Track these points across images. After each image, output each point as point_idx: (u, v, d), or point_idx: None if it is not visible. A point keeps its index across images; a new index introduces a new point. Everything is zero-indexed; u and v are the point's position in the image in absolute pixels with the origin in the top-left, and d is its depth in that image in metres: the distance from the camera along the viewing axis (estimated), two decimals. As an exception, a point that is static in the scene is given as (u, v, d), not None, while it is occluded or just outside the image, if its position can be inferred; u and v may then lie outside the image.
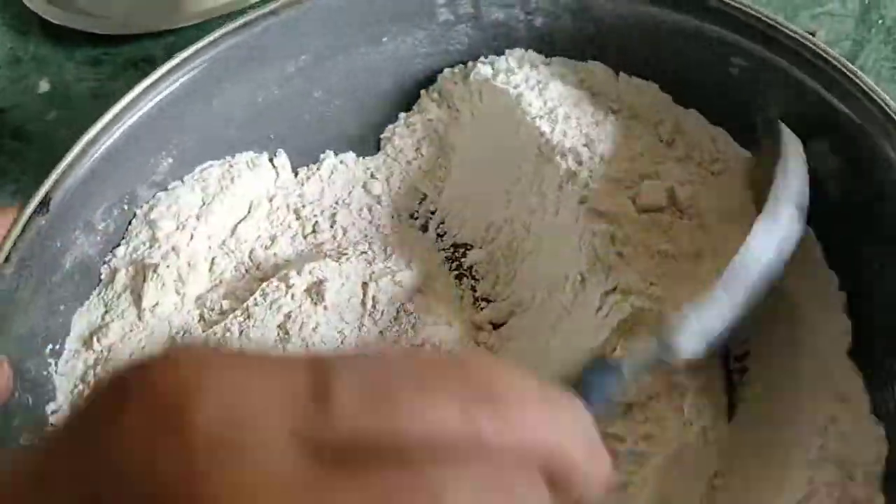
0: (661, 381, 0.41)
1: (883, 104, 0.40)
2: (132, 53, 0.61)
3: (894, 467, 0.37)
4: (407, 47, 0.52)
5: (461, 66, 0.52)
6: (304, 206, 0.51)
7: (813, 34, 0.43)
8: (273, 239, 0.50)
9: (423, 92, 0.53)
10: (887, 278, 0.40)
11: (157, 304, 0.46)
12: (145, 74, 0.45)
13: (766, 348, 0.44)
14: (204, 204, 0.49)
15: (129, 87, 0.45)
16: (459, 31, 0.52)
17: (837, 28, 0.56)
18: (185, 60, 0.47)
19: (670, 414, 0.41)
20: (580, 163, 0.45)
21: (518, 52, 0.51)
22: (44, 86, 0.59)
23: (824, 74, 0.42)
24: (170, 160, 0.49)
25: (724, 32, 0.45)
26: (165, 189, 0.49)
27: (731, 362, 0.44)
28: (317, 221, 0.51)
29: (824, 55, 0.41)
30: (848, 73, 0.41)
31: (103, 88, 0.59)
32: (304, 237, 0.50)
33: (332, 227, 0.51)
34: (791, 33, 0.42)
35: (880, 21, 0.55)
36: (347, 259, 0.48)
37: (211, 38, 0.47)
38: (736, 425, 0.42)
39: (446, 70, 0.52)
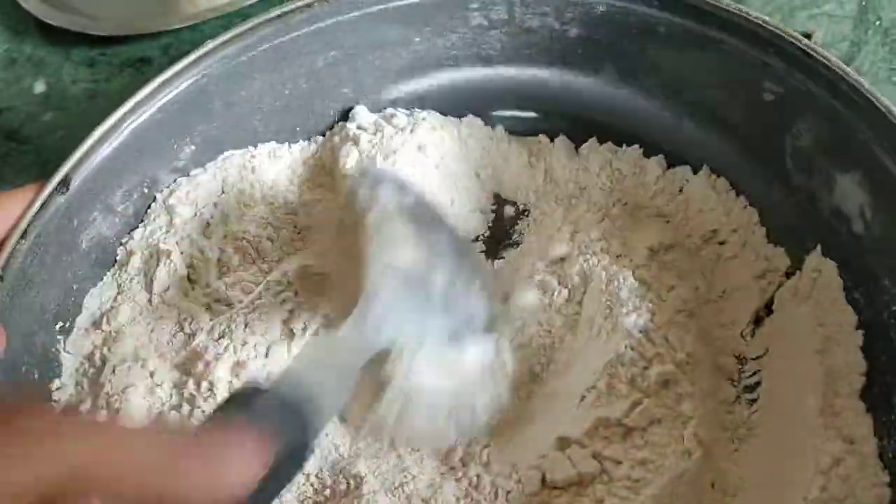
0: (664, 407, 0.41)
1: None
2: (129, 54, 0.61)
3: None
4: (438, 50, 0.52)
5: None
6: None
7: (809, 36, 0.42)
8: (278, 232, 0.50)
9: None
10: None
11: (167, 289, 0.46)
12: (142, 75, 0.45)
13: (778, 381, 0.43)
14: (223, 192, 0.50)
15: (125, 90, 0.45)
16: (492, 36, 0.51)
17: (835, 29, 0.55)
18: (216, 48, 0.47)
19: (671, 441, 0.40)
20: None
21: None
22: (39, 87, 0.59)
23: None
24: (192, 147, 0.49)
25: (756, 54, 0.44)
26: (187, 175, 0.49)
27: (741, 391, 0.43)
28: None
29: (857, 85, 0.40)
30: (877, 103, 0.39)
31: (99, 89, 0.59)
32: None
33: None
34: (825, 60, 0.41)
35: (878, 22, 0.54)
36: None
37: (245, 27, 0.48)
38: (738, 456, 0.41)
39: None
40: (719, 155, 0.48)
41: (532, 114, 0.53)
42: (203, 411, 0.42)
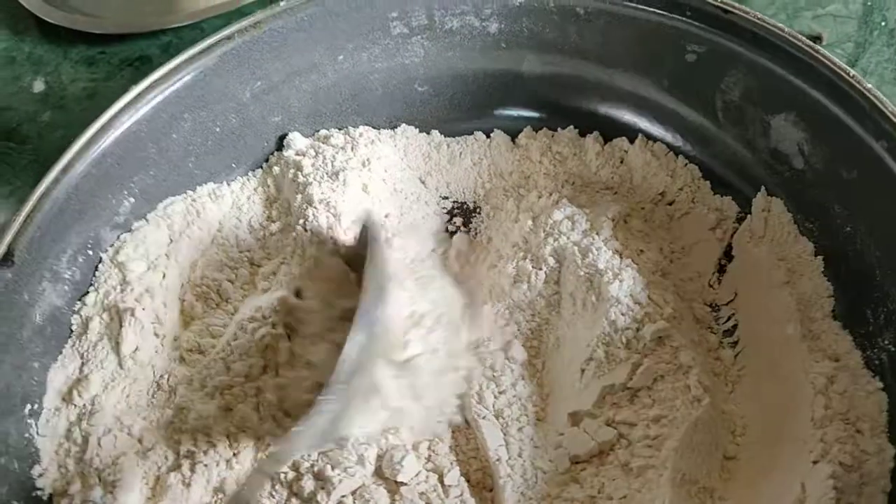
0: (664, 363, 0.42)
1: (827, 63, 0.42)
2: (128, 53, 0.59)
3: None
4: (362, 65, 0.52)
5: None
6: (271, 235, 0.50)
7: (817, 39, 0.44)
8: (236, 271, 0.48)
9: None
10: (858, 238, 0.42)
11: (136, 349, 0.44)
12: (141, 74, 0.44)
13: (753, 320, 0.45)
14: (171, 241, 0.48)
15: (124, 90, 0.44)
16: (414, 42, 0.51)
17: (840, 30, 0.57)
18: (139, 95, 0.46)
19: (677, 394, 0.41)
20: None
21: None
22: (39, 85, 0.57)
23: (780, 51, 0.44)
24: (132, 199, 0.47)
25: (674, 21, 0.47)
26: (129, 230, 0.47)
27: (721, 337, 0.45)
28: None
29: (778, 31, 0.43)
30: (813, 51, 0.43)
31: (98, 88, 0.57)
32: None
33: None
34: (742, 14, 0.44)
35: (882, 23, 0.56)
36: None
37: (167, 67, 0.46)
38: (736, 397, 0.43)
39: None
40: (653, 120, 0.50)
41: (467, 112, 0.54)
42: (205, 465, 0.40)
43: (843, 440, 0.38)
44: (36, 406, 0.41)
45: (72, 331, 0.44)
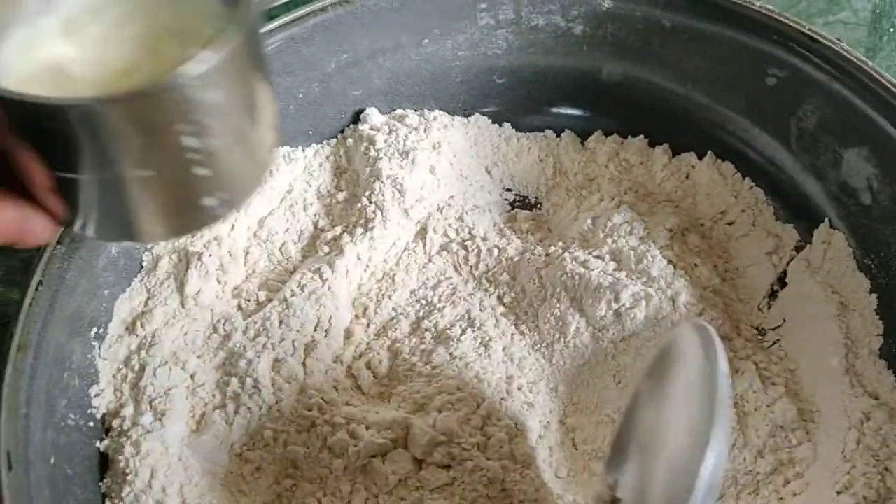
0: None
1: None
2: None
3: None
4: (446, 51, 0.53)
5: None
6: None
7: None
8: (300, 233, 0.50)
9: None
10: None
11: (199, 291, 0.46)
12: None
13: (796, 349, 0.45)
14: (244, 195, 0.50)
15: None
16: (499, 35, 0.53)
17: (850, 36, 0.58)
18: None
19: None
20: None
21: None
22: None
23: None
24: (212, 151, 0.49)
25: (759, 42, 0.47)
26: (206, 179, 0.49)
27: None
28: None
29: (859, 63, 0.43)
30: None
31: None
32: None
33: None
34: (829, 43, 0.44)
35: (892, 29, 0.57)
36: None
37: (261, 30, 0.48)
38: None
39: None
40: (724, 139, 0.51)
41: (541, 109, 0.55)
42: (249, 408, 0.42)
43: (870, 476, 0.38)
44: (101, 330, 0.44)
45: (142, 266, 0.47)
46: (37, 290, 0.39)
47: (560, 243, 0.49)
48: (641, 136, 0.53)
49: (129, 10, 0.30)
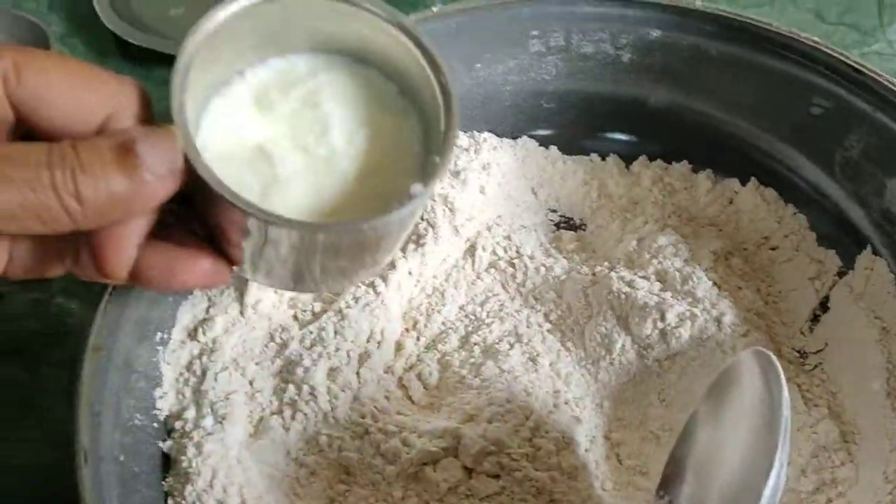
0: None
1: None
2: None
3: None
4: (496, 75, 0.55)
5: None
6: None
7: None
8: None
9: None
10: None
11: (258, 301, 0.48)
12: None
13: (838, 373, 0.46)
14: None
15: None
16: (548, 62, 0.55)
17: (885, 67, 0.58)
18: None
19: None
20: None
21: None
22: None
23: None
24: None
25: (805, 73, 0.48)
26: (265, 194, 0.51)
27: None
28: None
29: None
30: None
31: None
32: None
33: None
34: (873, 74, 0.46)
35: None
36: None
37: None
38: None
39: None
40: (768, 165, 0.52)
41: (587, 134, 0.56)
42: (305, 414, 0.44)
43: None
44: (165, 336, 0.46)
45: (204, 275, 0.49)
46: (110, 294, 0.41)
47: (605, 263, 0.50)
48: (685, 161, 0.55)
49: (314, 89, 0.32)
